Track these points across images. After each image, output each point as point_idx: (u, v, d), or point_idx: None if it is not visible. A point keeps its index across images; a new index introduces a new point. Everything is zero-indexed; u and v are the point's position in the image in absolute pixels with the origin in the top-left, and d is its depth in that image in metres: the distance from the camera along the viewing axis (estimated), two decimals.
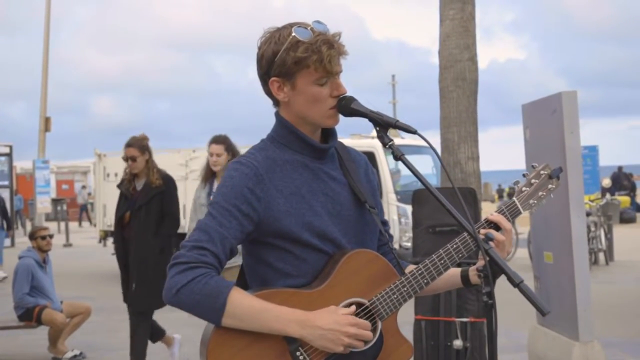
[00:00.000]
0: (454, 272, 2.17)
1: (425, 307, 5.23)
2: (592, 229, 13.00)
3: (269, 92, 2.06)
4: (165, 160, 13.01)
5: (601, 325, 7.49)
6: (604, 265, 13.38)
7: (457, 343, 5.12)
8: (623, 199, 24.50)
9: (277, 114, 2.10)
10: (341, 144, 2.20)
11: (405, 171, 12.97)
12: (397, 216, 10.96)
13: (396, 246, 10.95)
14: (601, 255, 13.59)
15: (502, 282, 1.96)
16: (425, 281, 2.02)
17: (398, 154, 1.97)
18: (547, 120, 5.65)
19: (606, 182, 25.43)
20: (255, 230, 1.97)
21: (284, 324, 1.86)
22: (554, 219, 5.60)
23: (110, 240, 14.37)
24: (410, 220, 10.83)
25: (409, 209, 10.82)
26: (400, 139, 12.79)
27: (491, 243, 1.96)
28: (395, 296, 1.99)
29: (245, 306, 1.86)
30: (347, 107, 2.01)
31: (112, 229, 13.86)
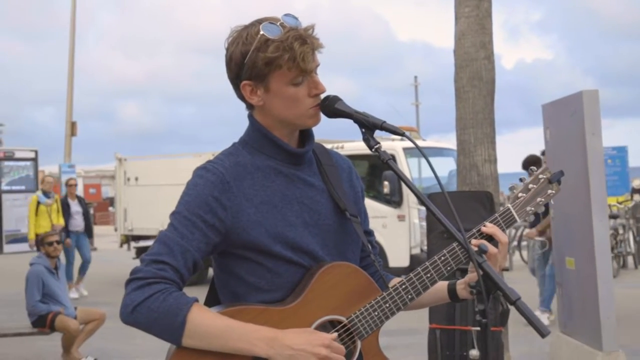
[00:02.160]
0: (441, 286, 1.99)
1: (440, 316, 5.04)
2: (620, 231, 12.69)
3: (241, 97, 1.91)
4: (186, 164, 12.99)
5: (629, 332, 7.23)
6: (632, 269, 13.05)
7: (474, 353, 4.91)
8: None
9: (250, 117, 1.94)
10: (321, 146, 2.04)
11: (426, 173, 12.78)
12: (418, 219, 10.76)
13: (417, 250, 10.75)
14: (630, 259, 13.27)
15: (522, 286, 1.77)
16: (409, 297, 1.85)
17: (384, 159, 1.81)
18: (568, 120, 5.44)
19: (637, 182, 24.92)
20: (222, 241, 1.82)
21: (249, 343, 1.70)
22: (575, 223, 5.40)
23: (132, 244, 14.38)
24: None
25: None
26: (421, 141, 12.60)
27: (485, 256, 1.78)
28: (376, 313, 1.83)
29: (206, 324, 1.71)
30: (331, 107, 1.86)
31: (133, 233, 13.94)
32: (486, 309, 1.71)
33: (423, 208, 10.97)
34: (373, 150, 1.83)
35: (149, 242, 14.17)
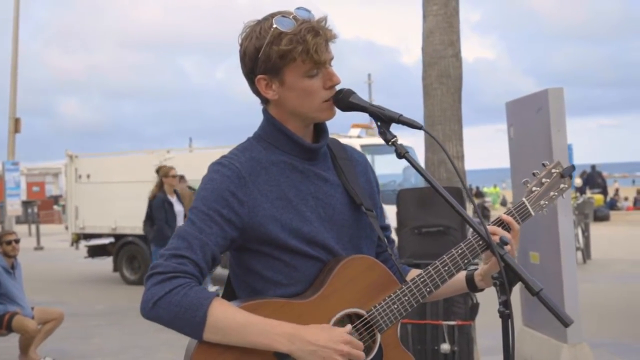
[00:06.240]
0: (458, 276, 2.00)
1: (412, 310, 5.09)
2: None
3: (256, 91, 1.89)
4: (139, 161, 12.80)
5: (584, 325, 7.41)
6: (581, 264, 13.39)
7: (445, 347, 4.99)
8: (597, 197, 24.76)
9: (264, 111, 1.93)
10: (336, 141, 2.04)
11: (380, 171, 12.84)
12: None
13: None
14: (579, 254, 13.63)
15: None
16: (428, 290, 1.87)
17: (402, 152, 1.82)
18: (532, 118, 5.55)
19: (578, 181, 25.69)
20: (239, 236, 1.81)
21: (271, 339, 1.70)
22: (540, 218, 5.48)
23: (82, 244, 14.05)
24: (389, 220, 10.72)
25: (387, 208, 10.69)
26: (377, 138, 12.67)
27: (506, 247, 1.81)
28: (395, 306, 1.85)
29: (227, 319, 1.70)
30: (345, 100, 1.86)
31: (85, 231, 13.61)
32: (508, 299, 1.73)
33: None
34: (390, 143, 1.84)
35: (101, 241, 13.89)
